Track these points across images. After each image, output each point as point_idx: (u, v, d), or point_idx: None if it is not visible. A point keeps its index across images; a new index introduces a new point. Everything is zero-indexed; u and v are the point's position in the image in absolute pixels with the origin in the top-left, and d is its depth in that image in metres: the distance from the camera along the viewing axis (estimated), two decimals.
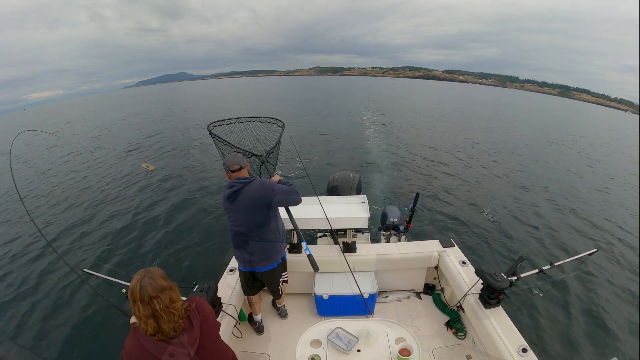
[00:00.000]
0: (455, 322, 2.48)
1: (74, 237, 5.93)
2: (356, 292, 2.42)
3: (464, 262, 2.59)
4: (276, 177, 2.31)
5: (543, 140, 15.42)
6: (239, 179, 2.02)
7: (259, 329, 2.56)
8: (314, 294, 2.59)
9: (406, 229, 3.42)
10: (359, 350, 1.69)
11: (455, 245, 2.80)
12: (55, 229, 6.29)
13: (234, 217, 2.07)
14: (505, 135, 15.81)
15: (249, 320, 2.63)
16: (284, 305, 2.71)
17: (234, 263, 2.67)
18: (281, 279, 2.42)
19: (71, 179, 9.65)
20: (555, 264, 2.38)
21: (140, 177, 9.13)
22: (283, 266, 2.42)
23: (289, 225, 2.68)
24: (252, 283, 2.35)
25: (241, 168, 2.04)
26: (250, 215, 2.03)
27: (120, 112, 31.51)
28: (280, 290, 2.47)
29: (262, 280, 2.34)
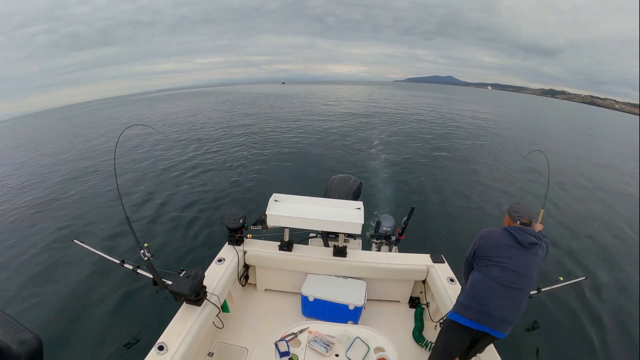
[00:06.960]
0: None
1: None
2: (343, 300, 2.42)
3: (452, 280, 2.58)
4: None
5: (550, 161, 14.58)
6: (538, 233, 1.89)
7: None
8: (301, 294, 2.59)
9: (397, 240, 3.41)
10: (337, 355, 1.69)
11: (446, 262, 2.80)
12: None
13: (512, 263, 1.81)
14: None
15: None
16: None
17: (222, 254, 2.67)
18: None
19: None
20: (543, 290, 2.38)
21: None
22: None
23: (281, 223, 2.68)
24: (463, 344, 1.94)
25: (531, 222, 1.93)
26: (531, 270, 1.84)
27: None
28: None
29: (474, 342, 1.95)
